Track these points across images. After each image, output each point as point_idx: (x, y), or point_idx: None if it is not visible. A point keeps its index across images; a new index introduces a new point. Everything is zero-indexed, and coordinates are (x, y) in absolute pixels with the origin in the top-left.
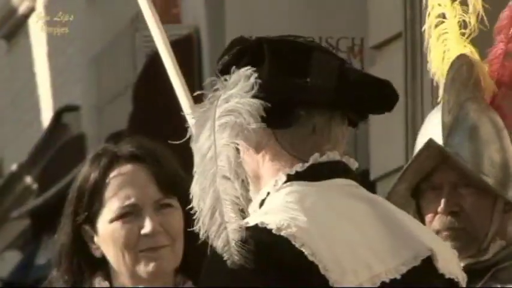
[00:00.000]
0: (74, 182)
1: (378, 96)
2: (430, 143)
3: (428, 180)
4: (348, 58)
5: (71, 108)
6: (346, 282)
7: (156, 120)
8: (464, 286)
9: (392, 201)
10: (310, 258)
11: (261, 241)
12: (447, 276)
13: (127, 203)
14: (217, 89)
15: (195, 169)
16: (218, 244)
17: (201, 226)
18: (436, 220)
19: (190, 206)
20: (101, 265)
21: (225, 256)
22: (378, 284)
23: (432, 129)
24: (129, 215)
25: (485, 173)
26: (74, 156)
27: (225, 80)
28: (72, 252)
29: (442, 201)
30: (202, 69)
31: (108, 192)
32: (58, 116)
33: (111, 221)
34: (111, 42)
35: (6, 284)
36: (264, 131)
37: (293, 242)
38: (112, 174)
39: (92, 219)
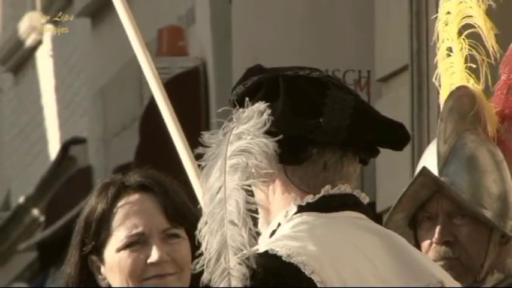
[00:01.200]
0: (82, 212)
1: (390, 138)
2: (424, 171)
3: (424, 209)
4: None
5: (78, 141)
6: None
7: (162, 153)
8: None
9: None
10: (319, 285)
11: (270, 267)
12: None
13: (134, 232)
14: (231, 119)
15: (204, 208)
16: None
17: (205, 268)
18: (431, 250)
19: (197, 238)
20: None
21: None
22: None
23: (429, 157)
24: (136, 244)
25: (483, 204)
26: (81, 189)
27: (239, 111)
28: (78, 283)
29: (437, 230)
30: (209, 101)
31: (115, 221)
32: (65, 148)
33: (118, 250)
34: (117, 74)
35: None
36: (276, 166)
37: (303, 270)
38: (119, 204)
39: (98, 249)
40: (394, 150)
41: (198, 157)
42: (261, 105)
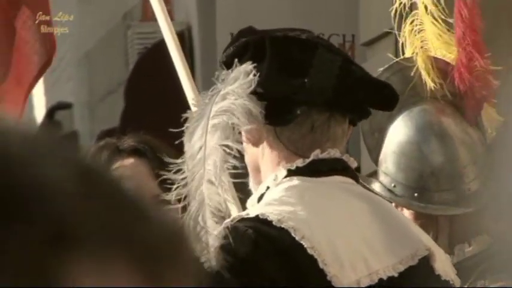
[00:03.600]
0: None
1: (377, 98)
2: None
3: None
4: None
5: (63, 106)
6: (344, 277)
7: (148, 117)
8: None
9: None
10: (310, 251)
11: (261, 232)
12: (443, 277)
13: None
14: (222, 80)
15: (185, 167)
16: (197, 247)
17: (187, 225)
18: None
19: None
20: None
21: (203, 259)
22: (376, 281)
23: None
24: None
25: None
26: None
27: (227, 72)
28: None
29: None
30: (194, 66)
31: None
32: (50, 113)
33: None
34: (102, 39)
35: None
36: (263, 127)
37: (293, 235)
38: (112, 167)
39: None
40: (383, 111)
41: (185, 121)
42: (247, 66)
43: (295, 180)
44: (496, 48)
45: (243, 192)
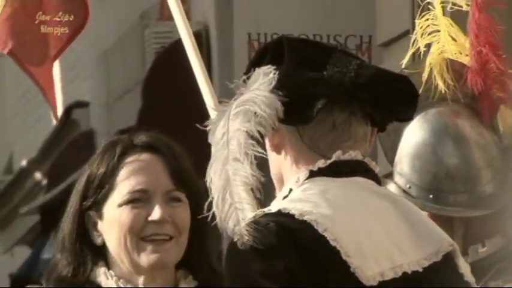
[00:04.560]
0: (85, 168)
1: (395, 91)
2: None
3: None
4: None
5: (81, 104)
6: (367, 269)
7: (165, 116)
8: None
9: None
10: (332, 243)
11: (283, 225)
12: (465, 278)
13: (138, 188)
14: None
15: (212, 155)
16: (229, 225)
17: (214, 208)
18: None
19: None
20: (103, 253)
21: (235, 237)
22: (400, 274)
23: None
24: (138, 201)
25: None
26: (83, 152)
27: (246, 79)
28: (74, 238)
29: None
30: (211, 65)
31: (120, 176)
32: (68, 112)
33: (120, 205)
34: (120, 38)
35: (16, 280)
36: (286, 130)
37: (315, 227)
38: (126, 160)
39: (99, 204)
40: (405, 110)
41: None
42: (266, 68)
43: (317, 181)
44: None
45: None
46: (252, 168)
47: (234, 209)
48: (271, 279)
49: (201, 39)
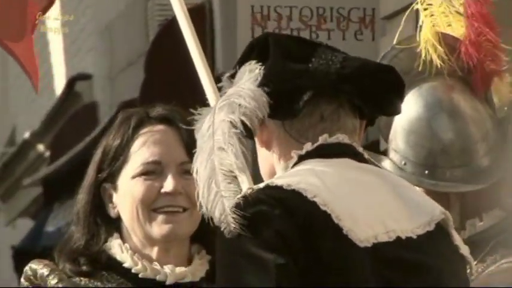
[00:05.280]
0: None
1: (382, 81)
2: None
3: None
4: (359, 28)
5: (84, 77)
6: (361, 232)
7: (168, 89)
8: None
9: None
10: (323, 207)
11: (273, 195)
12: (460, 250)
13: (151, 159)
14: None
15: (197, 147)
16: (215, 214)
17: (201, 198)
18: None
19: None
20: (117, 225)
21: (222, 225)
22: (394, 238)
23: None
24: (151, 173)
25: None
26: (86, 125)
27: (231, 77)
28: (89, 210)
29: None
30: (214, 38)
31: (134, 147)
32: (71, 84)
33: (133, 177)
34: (123, 11)
35: (18, 252)
36: (274, 124)
37: (304, 194)
38: (141, 132)
39: (114, 176)
40: (392, 101)
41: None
42: (252, 65)
43: (305, 162)
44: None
45: None
46: (237, 156)
47: (220, 197)
48: (262, 246)
49: (204, 11)
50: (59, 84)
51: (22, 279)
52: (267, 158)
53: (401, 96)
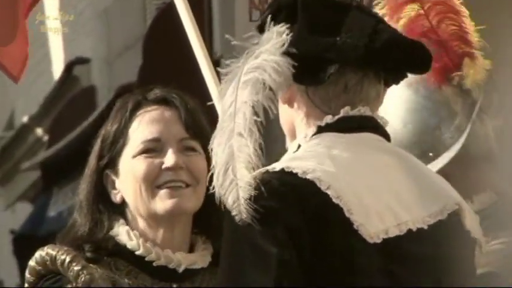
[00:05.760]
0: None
1: (410, 58)
2: None
3: None
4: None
5: (82, 61)
6: (371, 227)
7: (165, 73)
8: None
9: None
10: (335, 200)
11: (286, 182)
12: (472, 234)
13: (150, 137)
14: (256, 43)
15: (218, 124)
16: (229, 200)
17: (215, 181)
18: None
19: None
20: (121, 211)
21: (234, 212)
22: (405, 231)
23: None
24: (152, 151)
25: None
26: (84, 108)
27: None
28: (92, 198)
29: None
30: (212, 22)
31: (133, 128)
32: (69, 68)
33: (134, 156)
34: None
35: (19, 237)
36: (297, 88)
37: (318, 185)
38: (138, 113)
39: (114, 160)
40: (418, 72)
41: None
42: (280, 27)
43: (324, 136)
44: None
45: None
46: (255, 147)
47: (235, 185)
48: (268, 238)
49: None
50: (58, 69)
51: (33, 263)
52: (288, 116)
53: (428, 69)
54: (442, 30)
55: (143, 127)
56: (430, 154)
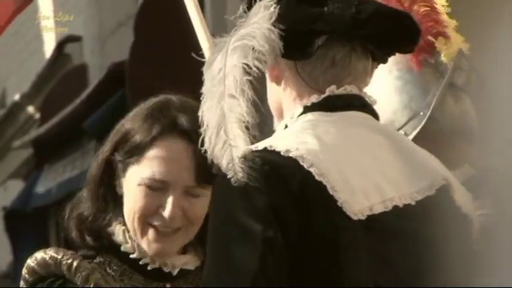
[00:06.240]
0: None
1: (397, 28)
2: None
3: None
4: None
5: (73, 39)
6: (355, 204)
7: (157, 51)
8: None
9: None
10: (318, 178)
11: (269, 161)
12: (463, 210)
13: (159, 178)
14: (244, 21)
15: (204, 91)
16: (223, 162)
17: (208, 144)
18: None
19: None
20: (122, 204)
21: (229, 174)
22: (390, 207)
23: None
24: (156, 189)
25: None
26: (76, 86)
27: (246, 9)
28: (98, 182)
29: None
30: (204, 3)
31: (149, 155)
32: (60, 46)
33: (139, 184)
34: None
35: (10, 213)
36: (285, 64)
37: (301, 163)
38: (160, 140)
39: (126, 165)
40: (409, 47)
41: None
42: (267, 1)
43: (309, 115)
44: None
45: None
46: (248, 106)
47: (229, 146)
48: (252, 216)
49: None
50: (49, 47)
51: (33, 264)
52: (276, 94)
53: (416, 40)
54: (415, 11)
55: (157, 162)
56: (402, 132)
